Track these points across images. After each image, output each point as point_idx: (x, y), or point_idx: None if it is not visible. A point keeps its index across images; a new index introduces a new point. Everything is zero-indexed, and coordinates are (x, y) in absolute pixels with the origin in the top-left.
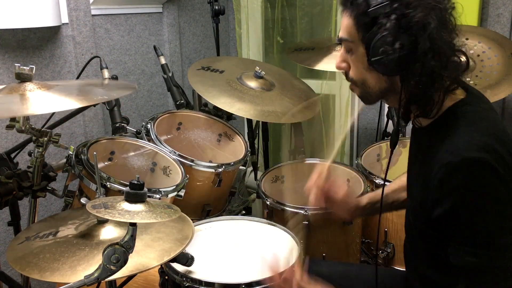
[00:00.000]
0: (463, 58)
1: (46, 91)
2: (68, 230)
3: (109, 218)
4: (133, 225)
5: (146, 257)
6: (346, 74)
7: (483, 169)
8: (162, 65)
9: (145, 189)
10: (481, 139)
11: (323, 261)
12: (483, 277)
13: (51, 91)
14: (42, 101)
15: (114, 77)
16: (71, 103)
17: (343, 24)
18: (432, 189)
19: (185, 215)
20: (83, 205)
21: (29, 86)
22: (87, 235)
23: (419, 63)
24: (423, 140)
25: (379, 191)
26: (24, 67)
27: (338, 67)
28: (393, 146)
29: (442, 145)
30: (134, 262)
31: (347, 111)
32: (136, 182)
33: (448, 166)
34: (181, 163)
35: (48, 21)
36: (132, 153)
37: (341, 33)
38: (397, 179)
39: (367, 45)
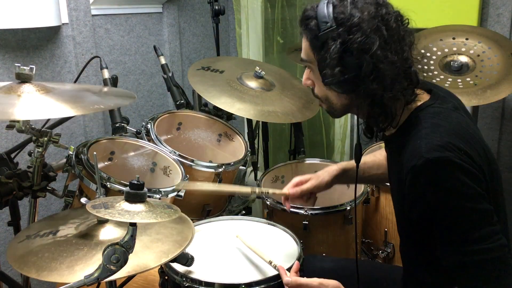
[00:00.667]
0: (465, 59)
1: (44, 95)
2: (68, 230)
3: (109, 218)
4: (133, 225)
5: (143, 258)
6: (312, 91)
7: (447, 167)
8: (162, 65)
9: (145, 189)
10: (441, 138)
11: (324, 256)
12: (476, 274)
13: (49, 95)
14: (38, 105)
15: (114, 77)
16: (67, 111)
17: (303, 45)
18: (405, 194)
19: (186, 216)
20: (83, 205)
21: (27, 87)
22: (87, 235)
23: (363, 85)
24: (392, 148)
25: (352, 161)
26: (24, 67)
27: (304, 84)
28: (358, 160)
29: (407, 149)
30: (131, 263)
31: None
32: (136, 182)
33: (413, 169)
34: (181, 163)
35: (48, 21)
36: (132, 153)
37: (302, 54)
38: (371, 154)
39: (319, 67)
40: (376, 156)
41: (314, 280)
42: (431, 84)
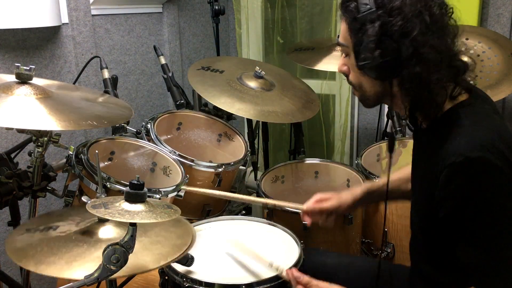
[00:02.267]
0: (466, 59)
1: (41, 101)
2: (68, 226)
3: (109, 218)
4: (133, 225)
5: (142, 259)
6: (347, 78)
7: (486, 168)
8: (162, 65)
9: (145, 189)
10: (483, 138)
11: (327, 252)
12: (495, 277)
13: (46, 101)
14: (30, 113)
15: (114, 77)
16: (54, 125)
17: (341, 28)
18: (437, 190)
19: (187, 221)
20: (85, 203)
21: (26, 89)
22: (87, 232)
23: (404, 70)
24: (423, 141)
25: (378, 181)
26: (24, 67)
27: (340, 70)
28: (391, 151)
29: (445, 145)
30: (130, 263)
31: (347, 111)
32: (136, 182)
33: (452, 166)
34: (181, 163)
35: (48, 21)
36: (132, 153)
37: (340, 38)
38: (400, 170)
39: (355, 50)
40: (403, 171)
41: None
42: (470, 83)
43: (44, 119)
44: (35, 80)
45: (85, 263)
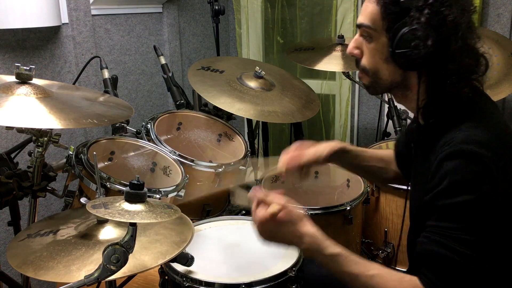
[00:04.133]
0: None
1: (41, 100)
2: (68, 229)
3: (109, 218)
4: (133, 225)
5: (140, 259)
6: (357, 61)
7: (478, 162)
8: (162, 65)
9: (145, 189)
10: (481, 135)
11: None
12: (450, 273)
13: (46, 100)
14: (31, 113)
15: (114, 77)
16: (55, 123)
17: (367, 10)
18: (430, 180)
19: (187, 217)
20: (83, 205)
21: (26, 89)
22: (86, 235)
23: (453, 62)
24: (424, 137)
25: (360, 149)
26: (24, 67)
27: (350, 53)
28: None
29: (442, 139)
30: (128, 263)
31: (347, 111)
32: (136, 182)
33: (444, 154)
34: (181, 163)
35: (48, 21)
36: (132, 153)
37: (362, 19)
38: (383, 150)
39: (392, 35)
40: (379, 150)
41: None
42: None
43: (45, 118)
44: (35, 80)
45: (84, 267)
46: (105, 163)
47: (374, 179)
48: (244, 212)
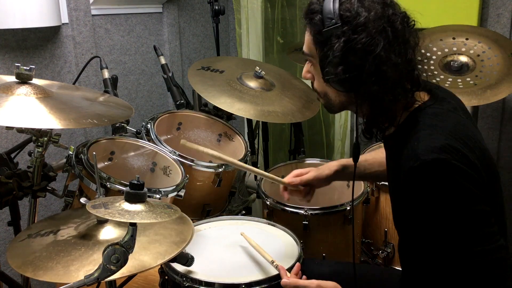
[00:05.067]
0: (466, 59)
1: (41, 100)
2: (68, 230)
3: (109, 218)
4: (133, 225)
5: (139, 259)
6: (312, 85)
7: (443, 169)
8: (162, 65)
9: (145, 189)
10: (438, 140)
11: (323, 261)
12: (473, 275)
13: (46, 100)
14: (31, 113)
15: (114, 77)
16: (55, 123)
17: (305, 38)
18: (401, 195)
19: (187, 217)
20: (83, 205)
21: (26, 89)
22: (86, 235)
23: (363, 86)
24: (390, 148)
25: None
26: (24, 67)
27: (304, 77)
28: (356, 159)
29: (404, 150)
30: (127, 263)
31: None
32: (136, 182)
33: (410, 171)
34: (181, 163)
35: (48, 21)
36: (132, 153)
37: (304, 47)
38: (372, 152)
39: (320, 63)
40: (377, 154)
41: (312, 282)
42: (431, 84)
43: (45, 118)
44: (35, 81)
45: (82, 267)
46: (105, 163)
47: (383, 181)
48: (244, 212)
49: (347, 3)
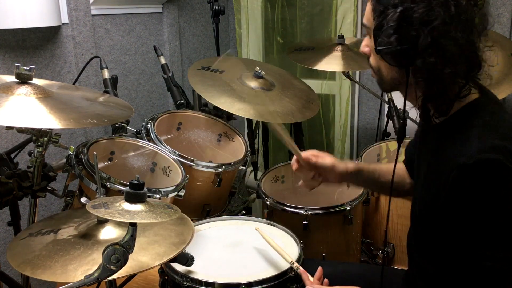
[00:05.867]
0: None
1: (41, 100)
2: (68, 229)
3: (109, 218)
4: (133, 225)
5: (137, 260)
6: (368, 60)
7: (497, 170)
8: (162, 65)
9: (145, 189)
10: (494, 140)
11: (323, 261)
12: (504, 282)
13: (46, 100)
14: (31, 113)
15: (114, 77)
16: (54, 123)
17: (367, 10)
18: (445, 190)
19: (187, 217)
20: (83, 205)
21: (26, 89)
22: (86, 235)
23: (420, 58)
24: (431, 138)
25: (369, 164)
26: (24, 67)
27: (361, 51)
28: (400, 141)
29: (455, 145)
30: (128, 263)
31: (347, 111)
32: (136, 182)
33: (462, 168)
34: (181, 163)
35: (48, 21)
36: (132, 153)
37: (364, 19)
38: (388, 163)
39: (374, 33)
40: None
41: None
42: (480, 82)
43: (45, 118)
44: (35, 81)
45: (80, 267)
46: (105, 163)
47: (393, 193)
48: (244, 212)
49: None
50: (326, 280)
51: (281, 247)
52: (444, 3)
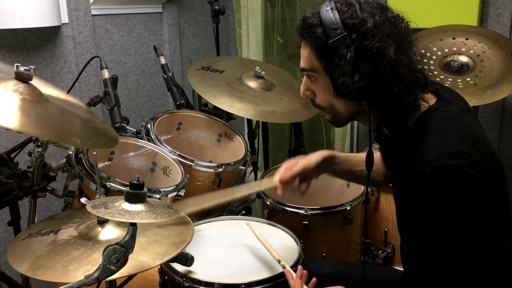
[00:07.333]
0: (466, 59)
1: (33, 103)
2: (68, 229)
3: (109, 218)
4: (133, 225)
5: (138, 259)
6: (313, 102)
7: (455, 175)
8: (162, 65)
9: (145, 189)
10: (449, 146)
11: (323, 261)
12: (484, 281)
13: (39, 104)
14: (21, 116)
15: (114, 77)
16: (46, 134)
17: (304, 55)
18: (408, 201)
19: (187, 217)
20: (83, 205)
21: (23, 89)
22: (86, 235)
23: (383, 90)
24: (395, 152)
25: (349, 155)
26: (24, 67)
27: (303, 95)
28: (369, 168)
29: (413, 155)
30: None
31: None
32: (136, 182)
33: (420, 177)
34: (181, 163)
35: (48, 21)
36: (132, 153)
37: (302, 63)
38: (364, 152)
39: (331, 75)
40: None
41: None
42: (436, 84)
43: (35, 127)
44: (35, 81)
45: (80, 267)
46: (105, 163)
47: (363, 183)
48: (244, 212)
49: (348, 12)
50: (314, 279)
51: (270, 243)
52: (390, 32)
